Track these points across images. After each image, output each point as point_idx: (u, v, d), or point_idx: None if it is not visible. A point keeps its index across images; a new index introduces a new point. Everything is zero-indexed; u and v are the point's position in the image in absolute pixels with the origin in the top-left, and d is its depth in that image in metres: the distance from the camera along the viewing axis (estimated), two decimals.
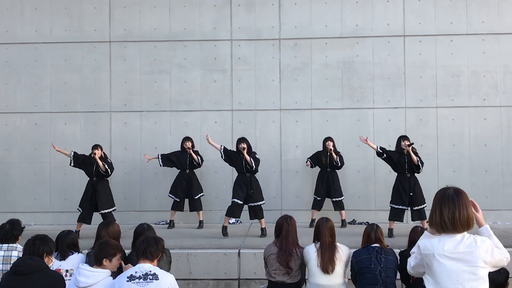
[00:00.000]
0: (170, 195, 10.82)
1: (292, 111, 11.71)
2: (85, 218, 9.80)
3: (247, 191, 9.55)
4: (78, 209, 9.99)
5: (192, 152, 10.67)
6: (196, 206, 10.81)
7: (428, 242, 3.44)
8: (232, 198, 9.59)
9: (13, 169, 11.83)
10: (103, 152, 10.03)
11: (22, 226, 6.02)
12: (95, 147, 9.93)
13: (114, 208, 10.08)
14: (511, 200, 11.33)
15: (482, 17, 11.58)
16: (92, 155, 9.76)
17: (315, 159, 10.81)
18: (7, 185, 11.79)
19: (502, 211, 11.28)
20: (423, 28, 11.63)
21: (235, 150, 9.78)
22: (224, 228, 9.53)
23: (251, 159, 9.51)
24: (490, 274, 4.63)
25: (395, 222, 9.72)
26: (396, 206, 9.64)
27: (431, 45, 11.61)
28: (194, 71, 11.85)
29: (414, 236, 5.78)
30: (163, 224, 11.20)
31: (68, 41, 11.95)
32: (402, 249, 6.10)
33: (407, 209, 9.71)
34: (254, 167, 9.53)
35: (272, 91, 11.74)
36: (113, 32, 11.95)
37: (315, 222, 6.29)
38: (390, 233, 9.45)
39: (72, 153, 10.05)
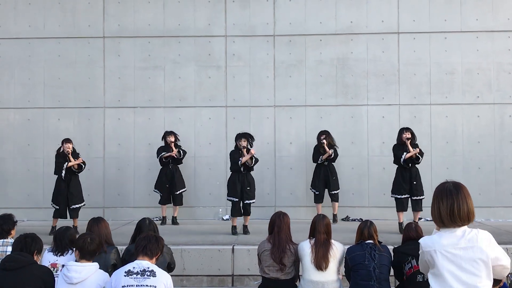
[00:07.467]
0: (155, 190, 10.87)
1: (286, 107, 11.71)
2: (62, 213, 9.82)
3: (242, 188, 9.44)
4: (52, 205, 9.95)
5: (172, 146, 10.67)
6: (176, 201, 10.80)
7: (428, 238, 3.38)
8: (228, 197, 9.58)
9: (6, 165, 11.78)
10: (73, 147, 9.94)
11: (15, 220, 5.96)
12: (67, 140, 9.84)
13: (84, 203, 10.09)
14: (504, 197, 11.38)
15: (476, 14, 11.60)
16: (66, 152, 9.69)
17: (316, 155, 10.74)
18: (0, 181, 11.73)
19: (495, 208, 11.32)
20: (417, 25, 11.64)
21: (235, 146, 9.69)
22: (233, 228, 9.49)
23: (252, 159, 9.40)
24: None
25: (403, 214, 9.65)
26: (399, 196, 9.57)
27: (425, 42, 11.62)
28: (188, 67, 11.82)
29: (408, 232, 5.80)
30: (157, 220, 11.16)
31: (62, 36, 11.89)
32: (396, 246, 6.12)
33: (409, 197, 9.63)
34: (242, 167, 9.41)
35: (267, 87, 11.73)
36: (107, 27, 11.90)
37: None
38: (401, 227, 9.28)
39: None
